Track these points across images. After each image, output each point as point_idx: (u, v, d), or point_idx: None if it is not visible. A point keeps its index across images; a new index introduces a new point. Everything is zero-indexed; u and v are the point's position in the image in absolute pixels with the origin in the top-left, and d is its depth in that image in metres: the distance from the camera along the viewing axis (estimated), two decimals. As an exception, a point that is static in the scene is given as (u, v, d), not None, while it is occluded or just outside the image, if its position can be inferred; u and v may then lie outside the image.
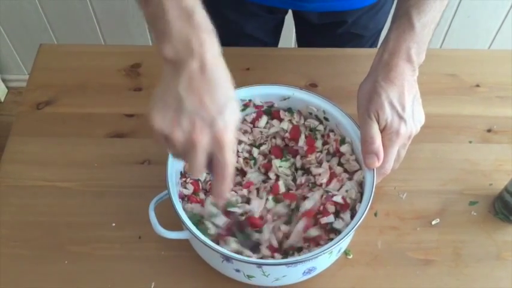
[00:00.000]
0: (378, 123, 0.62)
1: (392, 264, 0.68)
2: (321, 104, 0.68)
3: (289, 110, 0.71)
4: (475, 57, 0.90)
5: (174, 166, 0.62)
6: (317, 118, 0.70)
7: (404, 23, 0.64)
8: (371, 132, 0.62)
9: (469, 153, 0.77)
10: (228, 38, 0.61)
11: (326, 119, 0.69)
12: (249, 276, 0.61)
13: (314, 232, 0.62)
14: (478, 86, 0.84)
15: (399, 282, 0.66)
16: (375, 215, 0.71)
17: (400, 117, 0.62)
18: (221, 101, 0.49)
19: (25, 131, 0.79)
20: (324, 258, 0.61)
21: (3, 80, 1.84)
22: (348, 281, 0.66)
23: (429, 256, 0.68)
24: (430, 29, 0.64)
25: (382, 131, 0.62)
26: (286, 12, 0.98)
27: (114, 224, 0.70)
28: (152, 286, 0.65)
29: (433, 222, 0.71)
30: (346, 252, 0.68)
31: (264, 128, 0.71)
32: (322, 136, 0.70)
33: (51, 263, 0.67)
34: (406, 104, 0.62)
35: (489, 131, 0.79)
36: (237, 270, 0.60)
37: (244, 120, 0.71)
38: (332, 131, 0.69)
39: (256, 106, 0.71)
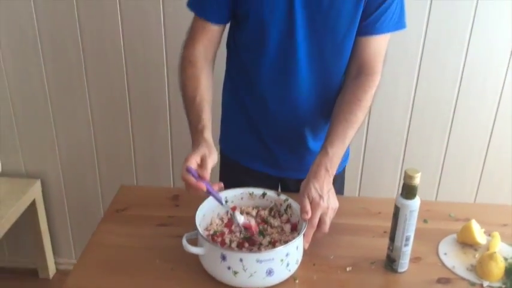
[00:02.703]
0: (308, 199, 1.18)
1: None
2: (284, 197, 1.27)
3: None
4: (374, 201, 1.48)
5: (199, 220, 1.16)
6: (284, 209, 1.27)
7: (324, 152, 1.26)
8: (304, 202, 1.18)
9: (371, 242, 1.29)
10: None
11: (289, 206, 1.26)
12: (234, 273, 1.07)
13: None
14: (380, 212, 1.40)
15: (326, 296, 1.12)
16: (314, 264, 1.19)
17: (320, 196, 1.18)
18: None
19: (110, 221, 1.34)
20: (278, 263, 1.08)
21: (55, 262, 2.35)
22: (295, 293, 1.12)
23: (344, 286, 1.14)
24: (337, 156, 1.26)
25: (310, 203, 1.18)
26: (280, 180, 1.59)
27: (157, 261, 1.19)
28: (178, 288, 1.12)
29: (348, 269, 1.18)
30: (294, 278, 1.14)
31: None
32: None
33: (123, 274, 1.15)
34: (324, 190, 1.20)
35: (385, 232, 1.32)
36: (228, 268, 1.07)
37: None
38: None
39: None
